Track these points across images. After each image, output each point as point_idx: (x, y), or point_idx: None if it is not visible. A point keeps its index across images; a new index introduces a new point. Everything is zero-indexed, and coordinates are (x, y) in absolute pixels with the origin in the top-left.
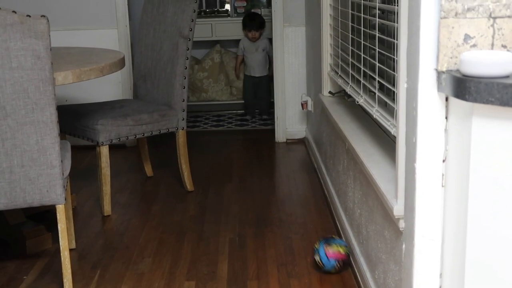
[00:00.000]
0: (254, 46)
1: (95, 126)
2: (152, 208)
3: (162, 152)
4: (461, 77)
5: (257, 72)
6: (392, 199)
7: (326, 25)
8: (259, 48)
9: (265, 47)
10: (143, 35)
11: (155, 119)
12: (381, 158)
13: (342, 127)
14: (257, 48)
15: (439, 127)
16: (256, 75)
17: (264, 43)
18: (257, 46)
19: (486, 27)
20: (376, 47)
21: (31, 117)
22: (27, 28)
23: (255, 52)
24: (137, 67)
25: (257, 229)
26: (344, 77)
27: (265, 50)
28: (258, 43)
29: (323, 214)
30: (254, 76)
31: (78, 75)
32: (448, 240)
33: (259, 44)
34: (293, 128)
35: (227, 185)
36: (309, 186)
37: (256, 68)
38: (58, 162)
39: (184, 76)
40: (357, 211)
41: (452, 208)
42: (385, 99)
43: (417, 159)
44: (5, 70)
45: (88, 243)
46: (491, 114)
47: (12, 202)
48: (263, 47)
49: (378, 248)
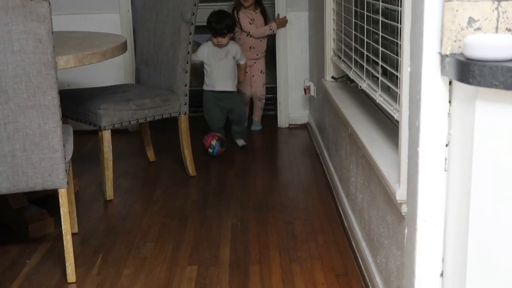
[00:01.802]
0: (223, 51)
1: (97, 110)
2: (154, 193)
3: (164, 137)
4: (465, 61)
5: (223, 85)
6: (395, 183)
7: (329, 9)
8: (229, 54)
9: (235, 53)
10: (145, 20)
11: (157, 104)
12: (384, 143)
13: (345, 112)
14: (226, 54)
15: (442, 111)
16: (222, 90)
17: (234, 49)
18: (226, 51)
19: (491, 10)
20: (379, 32)
21: (33, 101)
22: (29, 12)
23: (223, 59)
24: (139, 52)
25: (259, 214)
26: (347, 62)
27: (235, 57)
28: (228, 47)
29: (325, 199)
30: (219, 91)
31: (80, 59)
32: (451, 225)
33: (228, 49)
34: (295, 113)
35: (229, 170)
36: (312, 171)
37: (222, 81)
38: (60, 146)
39: (186, 61)
40: (359, 196)
41: (455, 192)
42: (388, 84)
43: (420, 143)
44: (7, 53)
45: (91, 228)
46: (495, 98)
47: (15, 186)
48: (234, 53)
49: (380, 233)
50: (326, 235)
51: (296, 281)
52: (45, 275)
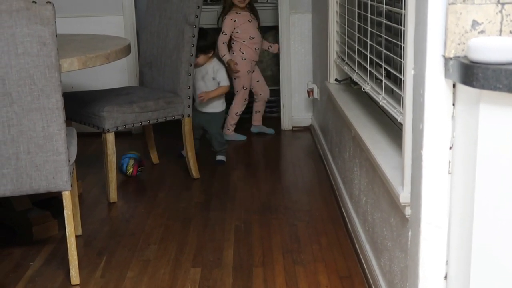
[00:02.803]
0: (200, 72)
1: (101, 113)
2: (158, 195)
3: (167, 139)
4: (469, 64)
5: (199, 105)
6: (398, 186)
7: (333, 12)
8: (207, 75)
9: (215, 74)
10: (149, 22)
11: (161, 106)
12: (387, 145)
13: (348, 114)
14: (204, 76)
15: (446, 114)
16: (198, 109)
17: (215, 70)
18: (204, 72)
19: (494, 13)
20: (383, 34)
21: (37, 103)
22: (33, 14)
23: (200, 80)
24: (143, 54)
25: (263, 216)
26: (350, 64)
27: (215, 79)
28: (206, 67)
29: (329, 201)
30: (201, 111)
31: (84, 61)
32: (455, 228)
33: (207, 69)
34: (299, 115)
35: (232, 172)
36: (315, 173)
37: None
38: (64, 149)
39: (190, 63)
40: (363, 198)
41: (458, 195)
42: (392, 86)
43: (424, 146)
44: (11, 56)
45: (94, 230)
46: (499, 101)
47: (19, 188)
48: (214, 75)
49: (384, 235)
50: (330, 237)
51: (299, 283)
52: (49, 277)
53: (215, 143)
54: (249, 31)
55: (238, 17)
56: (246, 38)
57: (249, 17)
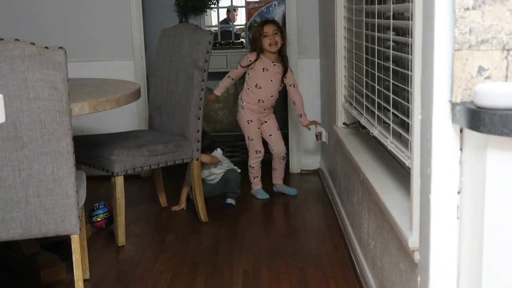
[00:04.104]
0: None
1: (110, 156)
2: (166, 238)
3: (176, 183)
4: (476, 109)
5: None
6: (407, 231)
7: (341, 56)
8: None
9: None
10: (159, 67)
11: (170, 149)
12: (396, 189)
13: (357, 158)
14: (208, 175)
15: (453, 159)
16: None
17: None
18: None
19: (500, 59)
20: (390, 79)
21: (48, 147)
22: (45, 60)
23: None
24: (153, 98)
25: (271, 260)
26: (358, 108)
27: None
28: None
29: (338, 245)
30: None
31: (94, 106)
32: (464, 273)
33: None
34: (307, 159)
35: (241, 216)
36: (324, 217)
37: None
38: (74, 192)
39: (199, 107)
40: (372, 242)
41: (467, 240)
42: (400, 131)
43: (432, 190)
44: (22, 100)
45: (102, 274)
46: (506, 146)
47: (28, 232)
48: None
49: (393, 280)
50: (339, 282)
51: None
52: None
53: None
54: (258, 79)
55: (258, 60)
56: (252, 85)
57: (270, 66)
